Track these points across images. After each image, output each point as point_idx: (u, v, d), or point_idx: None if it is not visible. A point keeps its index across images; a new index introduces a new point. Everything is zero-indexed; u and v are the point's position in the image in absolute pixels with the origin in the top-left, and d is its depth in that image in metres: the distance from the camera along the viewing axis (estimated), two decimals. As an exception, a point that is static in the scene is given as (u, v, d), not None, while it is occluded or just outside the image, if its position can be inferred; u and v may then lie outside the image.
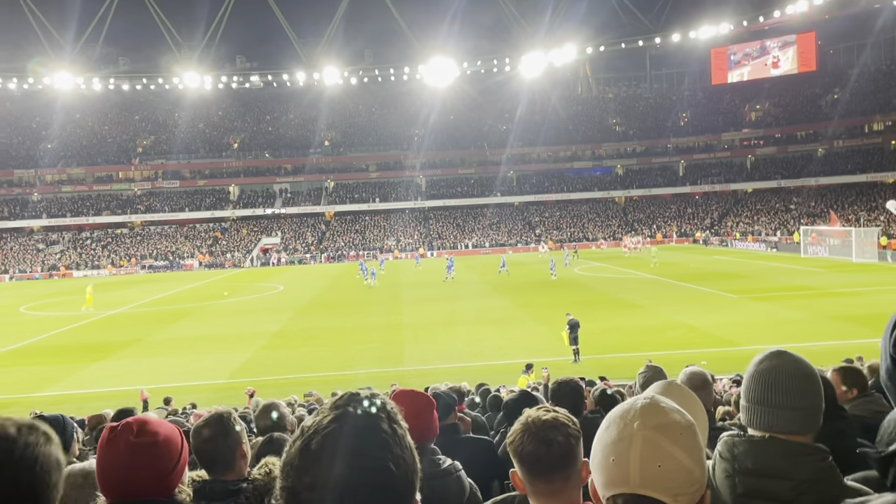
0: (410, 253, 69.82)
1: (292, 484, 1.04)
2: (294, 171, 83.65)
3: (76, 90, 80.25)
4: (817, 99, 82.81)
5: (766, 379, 1.81)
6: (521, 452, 1.82)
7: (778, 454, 1.74)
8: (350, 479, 1.01)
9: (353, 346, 24.73)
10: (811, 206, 69.88)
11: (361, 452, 1.04)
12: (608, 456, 1.35)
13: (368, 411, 1.09)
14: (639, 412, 1.37)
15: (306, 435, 1.07)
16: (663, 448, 1.32)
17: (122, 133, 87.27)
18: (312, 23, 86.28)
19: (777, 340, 21.20)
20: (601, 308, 29.63)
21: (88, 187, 79.78)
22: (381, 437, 1.06)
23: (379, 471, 1.03)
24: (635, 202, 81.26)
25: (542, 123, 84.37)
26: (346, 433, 1.05)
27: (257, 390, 16.89)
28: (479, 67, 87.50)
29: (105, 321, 33.89)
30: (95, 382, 20.80)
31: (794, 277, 38.33)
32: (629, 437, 1.33)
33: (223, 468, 2.67)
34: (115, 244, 74.06)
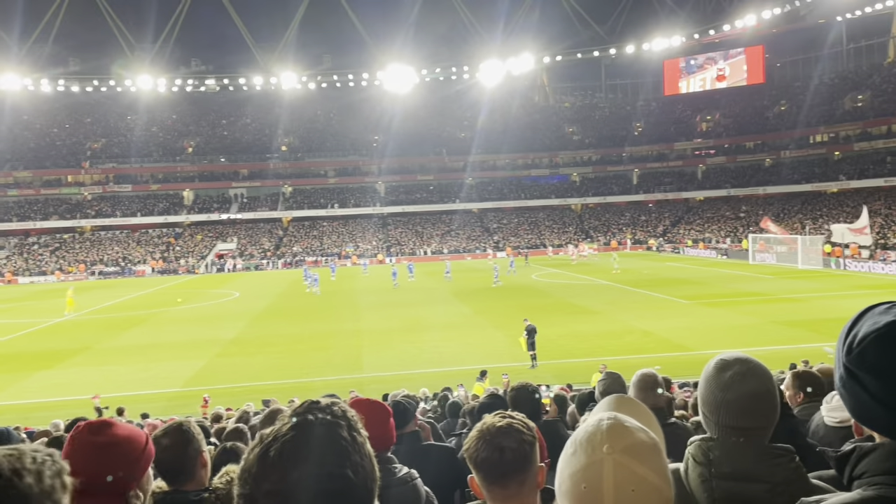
0: (370, 259, 69.52)
1: (250, 491, 1.03)
2: (251, 176, 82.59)
3: (24, 91, 77.85)
4: (765, 111, 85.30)
5: (735, 407, 1.82)
6: (477, 459, 1.82)
7: (753, 458, 1.77)
8: (308, 487, 1.01)
9: (311, 353, 24.52)
10: (759, 215, 71.86)
11: (320, 460, 1.04)
12: (579, 483, 1.31)
13: (328, 419, 1.08)
14: (605, 435, 1.34)
15: (265, 442, 1.06)
16: (635, 472, 1.30)
17: (72, 136, 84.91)
18: (269, 27, 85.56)
19: (727, 345, 21.75)
20: (558, 314, 29.99)
21: (36, 191, 77.40)
22: (341, 445, 1.06)
23: (338, 478, 1.03)
24: (591, 209, 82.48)
25: (501, 131, 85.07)
26: (305, 440, 1.04)
27: (212, 398, 16.65)
28: (437, 75, 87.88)
29: (53, 329, 32.93)
30: (42, 392, 20.20)
31: (742, 284, 39.38)
32: (599, 463, 1.30)
33: (184, 478, 2.65)
34: (64, 250, 71.97)
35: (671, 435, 3.34)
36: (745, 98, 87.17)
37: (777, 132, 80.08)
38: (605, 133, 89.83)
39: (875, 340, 1.22)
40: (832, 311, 27.43)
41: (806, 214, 66.92)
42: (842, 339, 1.30)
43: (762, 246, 53.59)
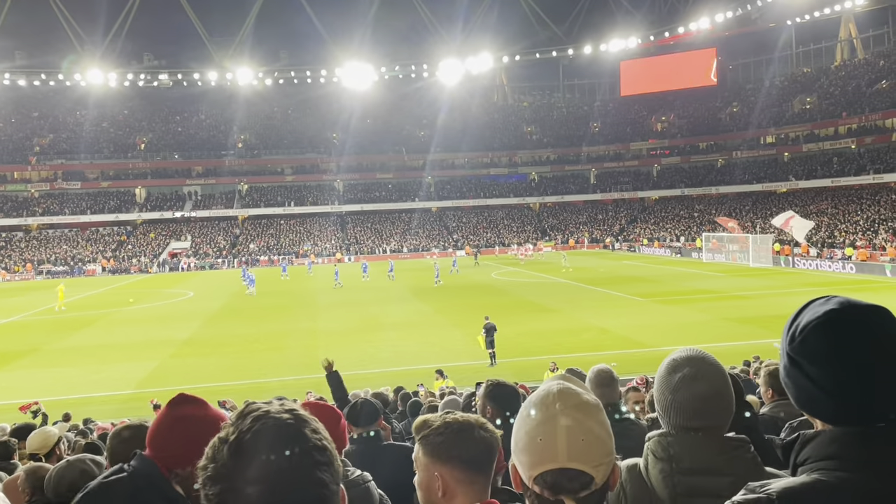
0: (328, 258, 68.94)
1: (231, 484, 1.06)
2: (205, 174, 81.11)
3: (-34, 84, 75.08)
4: (718, 112, 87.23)
5: (688, 408, 1.84)
6: (474, 450, 1.77)
7: (713, 450, 1.81)
8: (294, 464, 1.06)
9: (267, 353, 24.21)
10: (712, 214, 73.51)
11: (296, 439, 1.09)
12: (535, 437, 1.47)
13: (273, 410, 1.14)
14: (557, 395, 1.51)
15: (232, 438, 1.10)
16: (583, 424, 1.46)
17: (17, 131, 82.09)
18: (224, 21, 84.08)
19: (681, 342, 22.19)
20: (517, 312, 30.18)
21: (-21, 188, 74.77)
22: (306, 423, 1.13)
23: (321, 450, 1.11)
24: (549, 208, 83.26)
25: (460, 130, 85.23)
26: (272, 426, 1.09)
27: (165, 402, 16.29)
28: (396, 72, 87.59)
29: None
30: (-13, 396, 19.50)
31: (696, 281, 40.23)
32: (553, 418, 1.47)
33: None
34: (10, 248, 69.66)
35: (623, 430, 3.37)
36: (699, 99, 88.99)
37: (729, 133, 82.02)
38: (563, 133, 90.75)
39: (815, 329, 1.28)
40: (782, 307, 28.18)
41: (757, 214, 68.63)
42: (785, 331, 1.36)
43: (715, 245, 54.83)
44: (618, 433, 2.27)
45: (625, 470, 1.88)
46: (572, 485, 1.44)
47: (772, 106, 79.89)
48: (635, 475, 1.88)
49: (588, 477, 1.44)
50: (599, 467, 1.46)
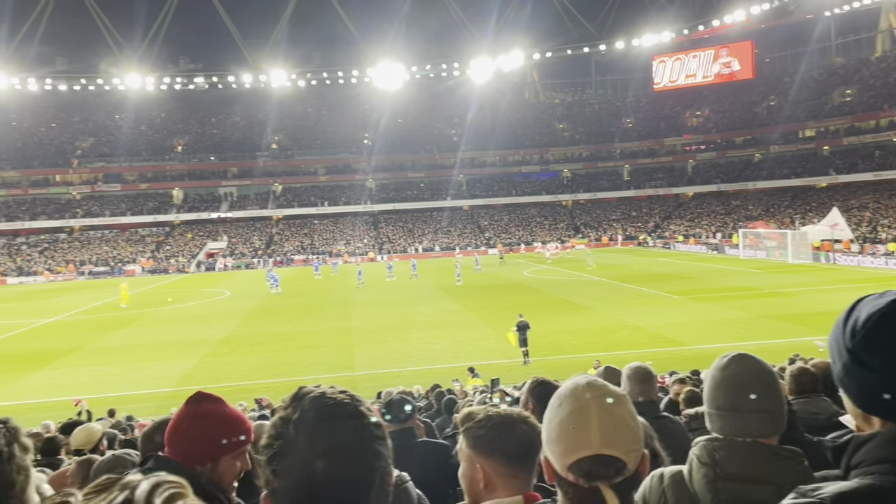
0: (360, 257, 69.40)
1: (304, 456, 1.13)
2: (241, 175, 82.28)
3: (11, 90, 77.18)
4: (754, 106, 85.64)
5: (734, 384, 1.84)
6: (514, 444, 1.80)
7: (760, 459, 1.77)
8: (358, 438, 1.14)
9: (303, 351, 24.47)
10: (749, 210, 72.23)
11: (352, 413, 1.17)
12: (568, 426, 1.49)
13: (334, 392, 1.22)
14: (586, 386, 1.54)
15: (296, 416, 1.17)
16: (614, 413, 1.49)
17: (60, 135, 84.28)
18: (258, 24, 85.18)
19: (719, 339, 21.88)
20: (550, 310, 30.04)
21: (24, 191, 76.84)
22: (355, 406, 1.21)
23: (375, 426, 1.19)
24: (582, 205, 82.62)
25: (492, 128, 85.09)
26: (330, 407, 1.18)
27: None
28: (427, 72, 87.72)
29: (42, 329, 32.72)
30: (33, 393, 20.08)
31: (733, 278, 39.57)
32: (585, 407, 1.49)
33: None
34: (53, 250, 71.51)
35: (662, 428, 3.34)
36: (734, 93, 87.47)
37: (766, 127, 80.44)
38: (596, 129, 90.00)
39: (880, 320, 1.22)
40: (822, 304, 27.61)
41: (795, 209, 67.29)
42: (840, 329, 1.30)
43: (752, 241, 53.86)
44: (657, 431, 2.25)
45: (668, 476, 1.87)
46: (607, 471, 1.45)
47: (810, 99, 78.19)
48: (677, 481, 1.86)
49: (621, 463, 1.46)
50: (631, 453, 1.48)
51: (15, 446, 1.28)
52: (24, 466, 1.31)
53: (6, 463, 1.23)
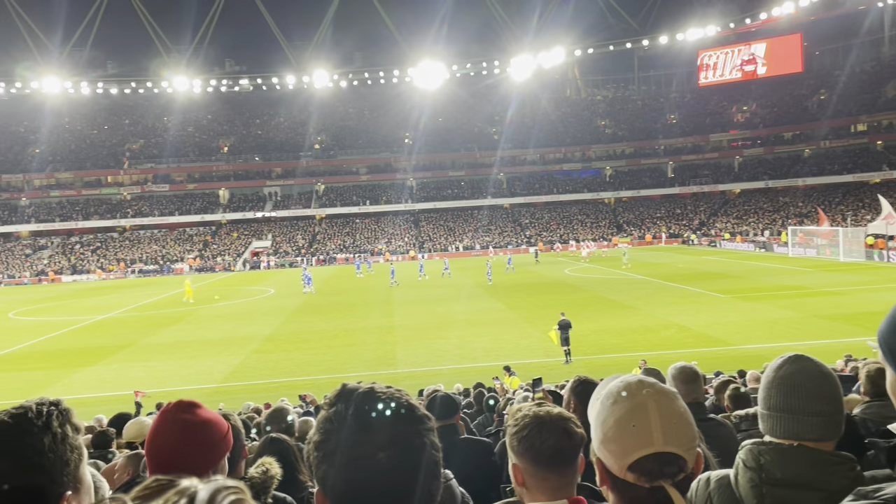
0: (402, 256, 69.79)
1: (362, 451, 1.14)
2: (284, 175, 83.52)
3: (64, 94, 79.75)
4: (804, 100, 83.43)
5: (788, 384, 1.79)
6: (542, 447, 1.80)
7: (807, 464, 1.71)
8: (404, 432, 1.16)
9: (345, 349, 24.74)
10: (799, 206, 70.41)
11: (403, 411, 1.19)
12: (627, 424, 1.46)
13: (382, 387, 1.24)
14: (641, 383, 1.51)
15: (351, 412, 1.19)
16: (672, 407, 1.47)
17: (111, 137, 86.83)
18: (301, 26, 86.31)
19: (766, 340, 21.40)
20: (592, 309, 29.78)
21: (77, 192, 79.35)
22: (407, 400, 1.23)
23: (423, 418, 1.22)
24: (625, 203, 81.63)
25: (532, 126, 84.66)
26: (385, 402, 1.19)
27: (250, 395, 16.93)
28: (468, 70, 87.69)
29: (95, 326, 33.74)
30: (86, 387, 20.73)
31: (781, 277, 38.64)
32: (643, 403, 1.46)
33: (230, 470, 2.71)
34: (105, 249, 73.66)
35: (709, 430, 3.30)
36: (783, 87, 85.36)
37: (816, 122, 78.30)
38: (639, 125, 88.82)
39: None
40: (875, 304, 26.76)
41: (847, 206, 65.39)
42: (890, 333, 1.26)
43: (802, 238, 52.49)
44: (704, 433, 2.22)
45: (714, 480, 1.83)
46: (671, 469, 1.43)
47: (862, 92, 75.83)
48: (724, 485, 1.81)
49: (683, 461, 1.44)
50: (690, 451, 1.46)
51: (68, 427, 1.35)
52: (77, 446, 1.37)
53: (61, 443, 1.30)
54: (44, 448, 1.28)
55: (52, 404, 1.37)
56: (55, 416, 1.33)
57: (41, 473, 1.26)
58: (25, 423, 1.30)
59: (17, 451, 1.26)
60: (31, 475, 1.24)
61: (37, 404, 1.35)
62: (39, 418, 1.31)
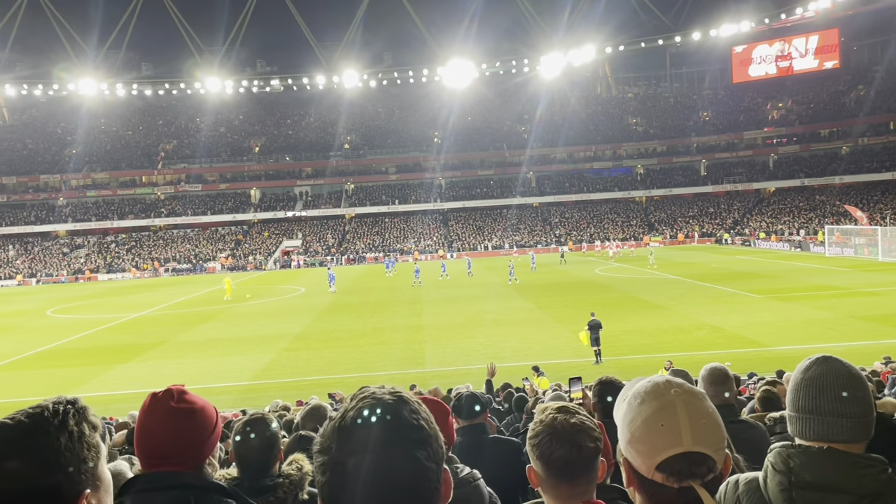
0: (431, 255, 69.88)
1: (334, 455, 1.14)
2: (314, 174, 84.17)
3: (100, 96, 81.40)
4: (841, 96, 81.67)
5: (816, 386, 1.75)
6: (551, 457, 1.82)
7: (837, 466, 1.67)
8: (389, 439, 1.12)
9: (375, 347, 24.83)
10: (836, 205, 68.95)
11: (396, 415, 1.15)
12: (655, 423, 1.44)
13: (387, 394, 1.21)
14: (669, 383, 1.49)
15: (338, 416, 1.18)
16: (701, 407, 1.45)
17: (145, 138, 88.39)
18: (331, 26, 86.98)
19: (802, 341, 20.97)
20: (623, 309, 29.48)
21: (113, 192, 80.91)
22: (410, 405, 1.19)
23: (416, 428, 1.16)
24: (656, 202, 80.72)
25: (562, 124, 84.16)
26: (375, 406, 1.16)
27: (280, 392, 17.07)
28: (497, 69, 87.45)
29: (130, 323, 34.35)
30: (121, 384, 21.09)
31: (818, 277, 37.85)
32: (671, 403, 1.45)
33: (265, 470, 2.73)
34: (139, 247, 75.01)
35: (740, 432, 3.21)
36: (819, 84, 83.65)
37: (854, 118, 76.56)
38: (671, 123, 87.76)
39: None
40: (916, 305, 26.09)
41: (887, 204, 63.84)
42: None
43: (839, 238, 51.37)
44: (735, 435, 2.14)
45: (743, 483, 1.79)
46: (700, 469, 1.42)
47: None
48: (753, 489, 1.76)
49: (712, 461, 1.42)
50: (719, 451, 1.44)
51: (84, 425, 1.36)
52: (94, 444, 1.38)
53: (77, 441, 1.32)
54: (60, 447, 1.29)
55: (68, 403, 1.38)
56: (71, 415, 1.35)
57: (58, 472, 1.27)
58: (42, 422, 1.31)
59: (35, 450, 1.27)
60: (49, 474, 1.26)
61: (53, 403, 1.37)
62: (56, 417, 1.32)
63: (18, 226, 75.71)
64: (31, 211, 78.11)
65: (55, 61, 78.44)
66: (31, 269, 69.54)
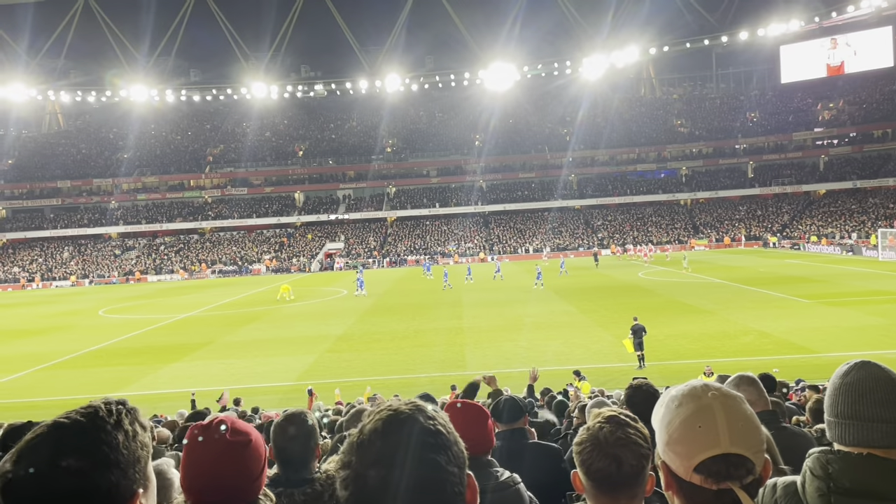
0: (469, 258, 69.87)
1: (356, 468, 1.16)
2: (357, 178, 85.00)
3: (150, 101, 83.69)
4: (895, 96, 79.10)
5: (855, 391, 1.74)
6: (590, 468, 1.80)
7: (877, 472, 1.65)
8: (408, 456, 1.13)
9: (416, 349, 24.94)
10: (890, 208, 66.77)
11: (413, 432, 1.17)
12: (693, 425, 1.44)
13: (409, 409, 1.21)
14: (706, 386, 1.50)
15: (359, 431, 1.20)
16: (740, 409, 1.46)
17: (193, 142, 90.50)
18: (374, 31, 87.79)
19: (854, 347, 20.38)
20: (667, 313, 29.05)
21: (162, 195, 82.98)
22: (429, 424, 1.19)
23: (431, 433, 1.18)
24: (701, 204, 79.30)
25: (604, 126, 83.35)
26: (394, 422, 1.18)
27: (323, 393, 17.28)
28: (539, 71, 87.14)
29: (179, 324, 35.17)
30: (170, 383, 21.62)
31: (871, 282, 36.70)
32: (709, 405, 1.45)
33: (304, 465, 2.78)
34: (187, 250, 76.74)
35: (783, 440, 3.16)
36: (872, 83, 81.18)
37: (909, 118, 74.09)
38: (717, 124, 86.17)
39: None
40: (976, 311, 25.11)
41: (944, 207, 61.61)
42: None
43: (893, 241, 49.73)
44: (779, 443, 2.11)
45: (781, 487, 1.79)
46: (739, 471, 1.41)
47: (963, 86, 71.30)
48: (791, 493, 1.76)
49: (751, 463, 1.42)
50: (758, 454, 1.43)
51: (136, 425, 1.39)
52: (146, 443, 1.42)
53: (132, 440, 1.34)
54: (118, 445, 1.30)
55: (118, 403, 1.41)
56: (125, 415, 1.37)
57: (116, 470, 1.28)
58: (99, 421, 1.32)
59: (93, 448, 1.27)
60: (107, 472, 1.26)
61: (105, 403, 1.39)
62: (111, 416, 1.34)
63: (72, 228, 78.22)
64: (84, 214, 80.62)
65: (108, 68, 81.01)
66: (84, 270, 71.76)
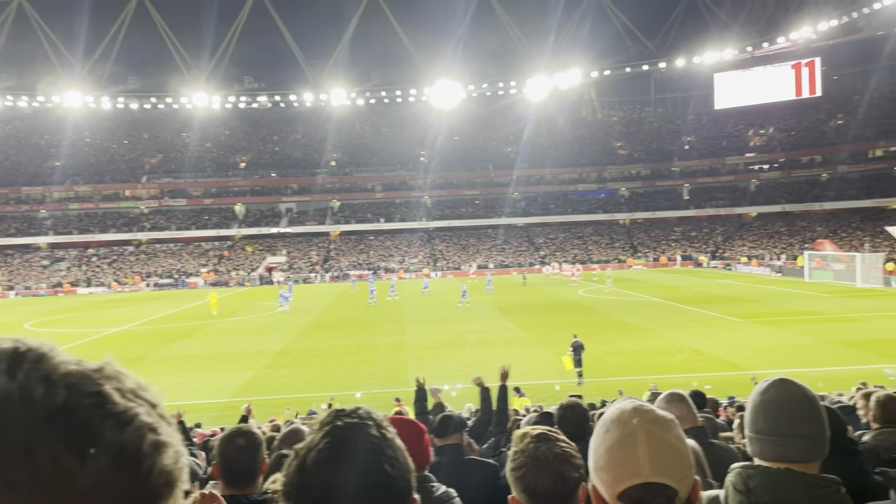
0: (415, 273, 69.78)
1: (297, 502, 1.09)
2: (300, 191, 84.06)
3: (85, 108, 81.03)
4: (821, 124, 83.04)
5: (773, 408, 1.81)
6: (536, 489, 1.81)
7: (795, 487, 1.73)
8: (350, 487, 1.06)
9: (357, 365, 24.69)
10: (817, 231, 69.83)
11: (356, 460, 1.09)
12: (616, 454, 1.45)
13: (354, 422, 1.15)
14: (633, 412, 1.49)
15: (300, 455, 1.12)
16: (663, 438, 1.45)
17: (130, 151, 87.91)
18: (320, 44, 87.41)
19: (782, 365, 21.13)
20: (606, 331, 29.57)
21: (95, 205, 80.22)
22: (372, 443, 1.12)
23: (377, 474, 1.09)
24: (640, 224, 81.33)
25: (548, 146, 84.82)
26: (337, 445, 1.10)
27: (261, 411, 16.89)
28: (484, 90, 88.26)
29: (109, 338, 33.92)
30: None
31: (798, 302, 38.23)
32: (632, 434, 1.45)
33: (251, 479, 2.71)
34: (121, 261, 74.27)
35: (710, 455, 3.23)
36: (800, 112, 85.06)
37: (834, 146, 77.89)
38: (655, 147, 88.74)
39: None
40: (893, 331, 26.40)
41: (866, 231, 64.74)
42: None
43: (819, 263, 51.99)
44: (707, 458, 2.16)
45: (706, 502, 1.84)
46: (658, 499, 1.42)
47: (881, 118, 75.38)
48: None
49: (672, 491, 1.43)
50: (683, 481, 1.45)
51: None
52: None
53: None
54: None
55: None
56: None
57: None
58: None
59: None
60: None
61: None
62: None
63: (-2, 237, 74.81)
64: (11, 223, 77.18)
65: (41, 73, 78.11)
66: (9, 281, 68.60)
